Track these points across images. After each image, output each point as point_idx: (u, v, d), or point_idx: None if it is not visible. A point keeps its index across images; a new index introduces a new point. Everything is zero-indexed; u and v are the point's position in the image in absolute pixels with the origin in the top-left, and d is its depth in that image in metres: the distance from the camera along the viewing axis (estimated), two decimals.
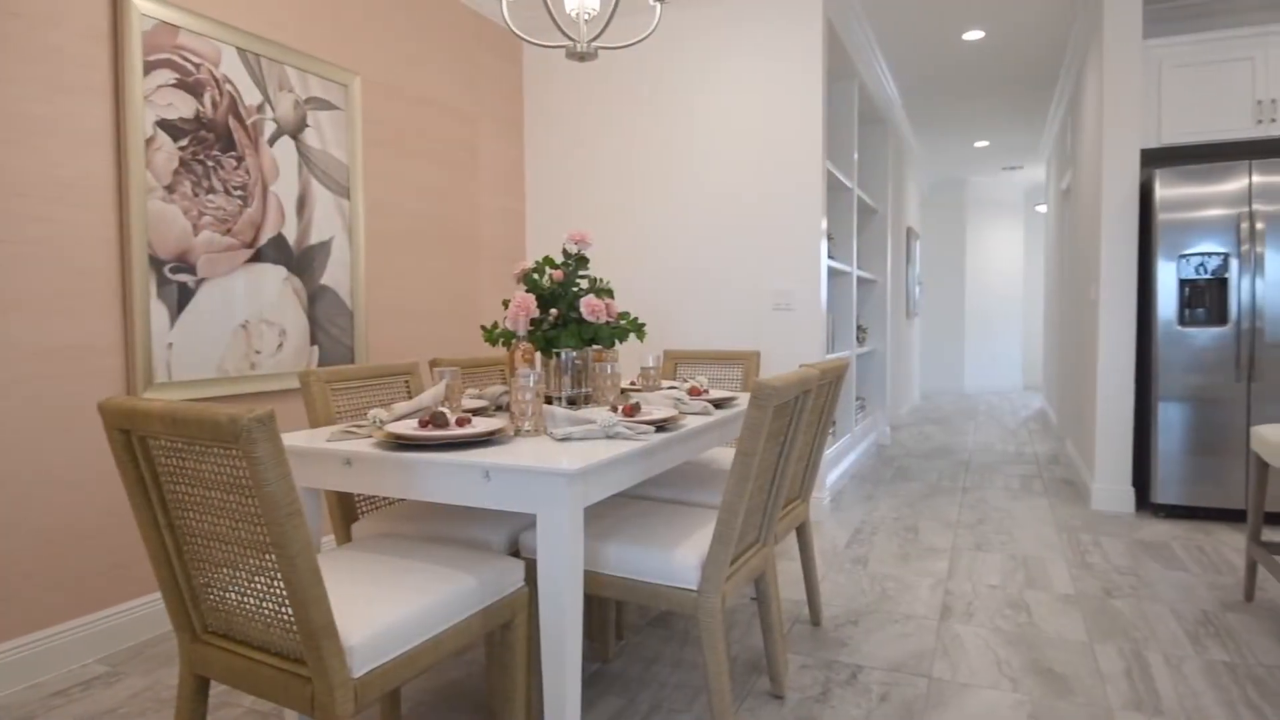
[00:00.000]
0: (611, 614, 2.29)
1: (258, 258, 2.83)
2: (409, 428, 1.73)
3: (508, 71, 4.28)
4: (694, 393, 2.41)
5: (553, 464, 1.47)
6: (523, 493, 1.52)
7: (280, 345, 2.90)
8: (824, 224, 3.84)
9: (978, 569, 3.11)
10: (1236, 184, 3.66)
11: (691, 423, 2.01)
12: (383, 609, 1.39)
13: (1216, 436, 3.72)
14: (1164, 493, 3.82)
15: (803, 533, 2.53)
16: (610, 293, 2.28)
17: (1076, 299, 5.15)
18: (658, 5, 2.29)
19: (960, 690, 2.11)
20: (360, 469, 1.68)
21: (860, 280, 5.84)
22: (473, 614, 1.54)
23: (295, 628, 1.29)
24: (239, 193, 2.76)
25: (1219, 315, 3.70)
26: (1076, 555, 3.27)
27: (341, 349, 3.17)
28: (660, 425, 1.88)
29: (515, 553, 1.96)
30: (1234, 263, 3.66)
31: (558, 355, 2.18)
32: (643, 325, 2.29)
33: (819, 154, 3.74)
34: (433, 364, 2.44)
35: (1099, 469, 4.03)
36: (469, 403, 2.18)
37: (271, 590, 1.31)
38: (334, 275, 3.14)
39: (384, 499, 2.24)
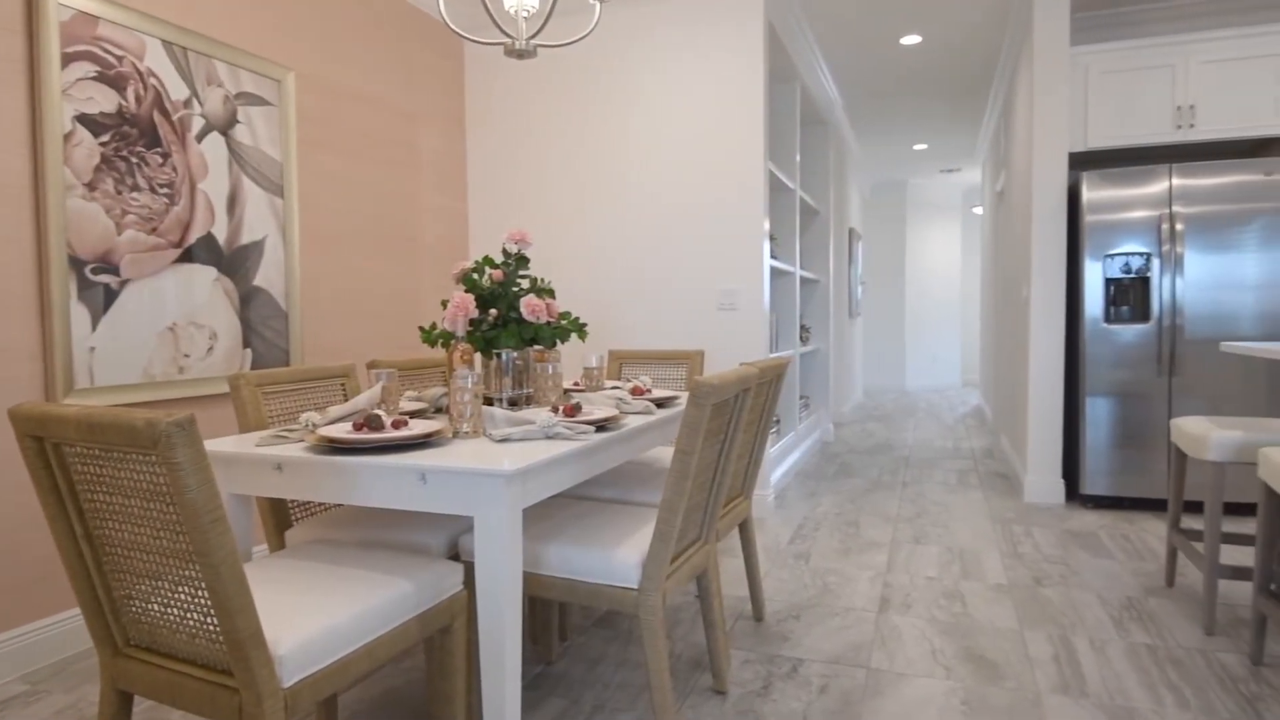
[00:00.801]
0: (555, 615, 2.28)
1: (186, 258, 2.73)
2: (343, 431, 1.69)
3: (448, 68, 4.23)
4: (636, 392, 2.41)
5: (490, 465, 1.46)
6: (460, 495, 1.50)
7: (211, 348, 2.81)
8: (766, 224, 3.89)
9: (916, 561, 3.19)
10: (1158, 187, 3.83)
11: (633, 422, 2.01)
12: (314, 617, 1.36)
13: (1141, 429, 3.89)
14: (1092, 484, 3.97)
15: (745, 529, 2.55)
16: (551, 292, 2.27)
17: (1010, 298, 5.32)
18: (597, 4, 2.28)
19: (896, 679, 2.16)
20: (292, 474, 1.64)
21: (803, 280, 5.94)
22: (409, 619, 1.51)
23: (221, 638, 1.25)
24: (165, 190, 2.66)
25: (1142, 313, 3.87)
26: (1009, 546, 3.38)
27: (276, 352, 3.09)
28: (601, 425, 1.88)
29: (455, 556, 1.94)
30: (1156, 262, 3.83)
31: (498, 356, 2.16)
32: (584, 325, 2.28)
33: (761, 155, 3.78)
34: (370, 366, 2.39)
35: (1031, 462, 4.18)
36: (407, 405, 2.14)
37: (196, 601, 1.27)
38: (268, 275, 3.05)
39: (319, 505, 2.19)
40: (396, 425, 1.70)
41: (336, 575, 1.54)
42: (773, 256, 4.62)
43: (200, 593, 1.25)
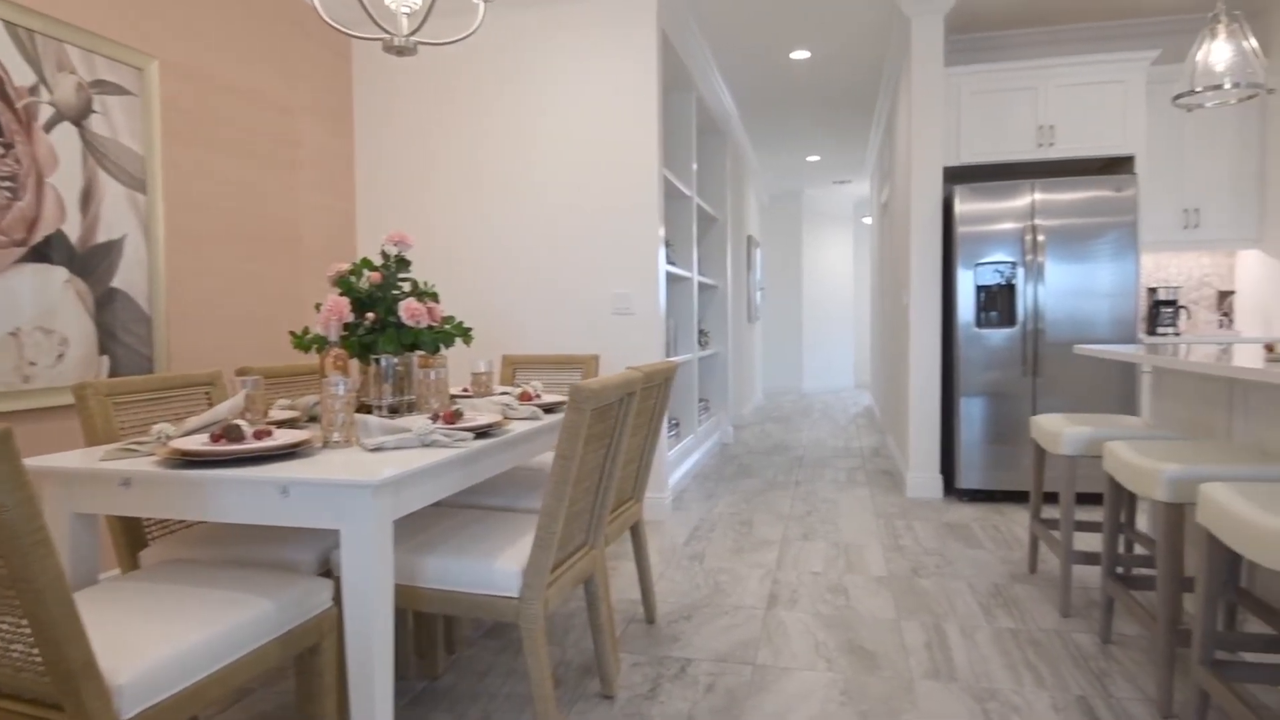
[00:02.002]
0: (440, 629, 2.22)
1: (33, 257, 2.51)
2: (199, 443, 1.59)
3: (335, 64, 4.07)
4: (525, 398, 2.38)
5: (357, 476, 1.40)
6: (325, 508, 1.43)
7: (61, 356, 2.60)
8: (662, 230, 3.93)
9: (804, 558, 3.29)
10: (1022, 201, 4.09)
11: (518, 428, 1.99)
12: (159, 643, 1.26)
13: (1009, 426, 4.14)
14: (967, 479, 4.20)
15: (637, 533, 2.56)
16: (434, 296, 2.21)
17: (894, 304, 5.58)
18: (481, 4, 2.25)
19: (781, 674, 2.21)
20: (141, 490, 1.53)
21: (702, 285, 6.03)
22: (269, 640, 1.43)
23: (47, 671, 1.14)
24: (7, 184, 2.44)
25: (1009, 317, 4.13)
26: (891, 539, 3.53)
27: (138, 359, 2.88)
28: (483, 432, 1.84)
29: (328, 572, 1.85)
30: (1020, 271, 4.10)
31: (377, 361, 2.09)
32: (469, 330, 2.24)
33: (655, 161, 3.82)
34: (239, 373, 2.26)
35: (912, 459, 4.38)
36: (279, 414, 2.04)
37: (19, 630, 1.16)
38: (128, 277, 2.85)
39: (178, 522, 2.05)
40: (259, 436, 1.61)
41: (189, 596, 1.45)
42: (670, 262, 4.67)
43: (23, 622, 1.14)
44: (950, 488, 4.41)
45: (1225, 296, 4.65)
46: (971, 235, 4.14)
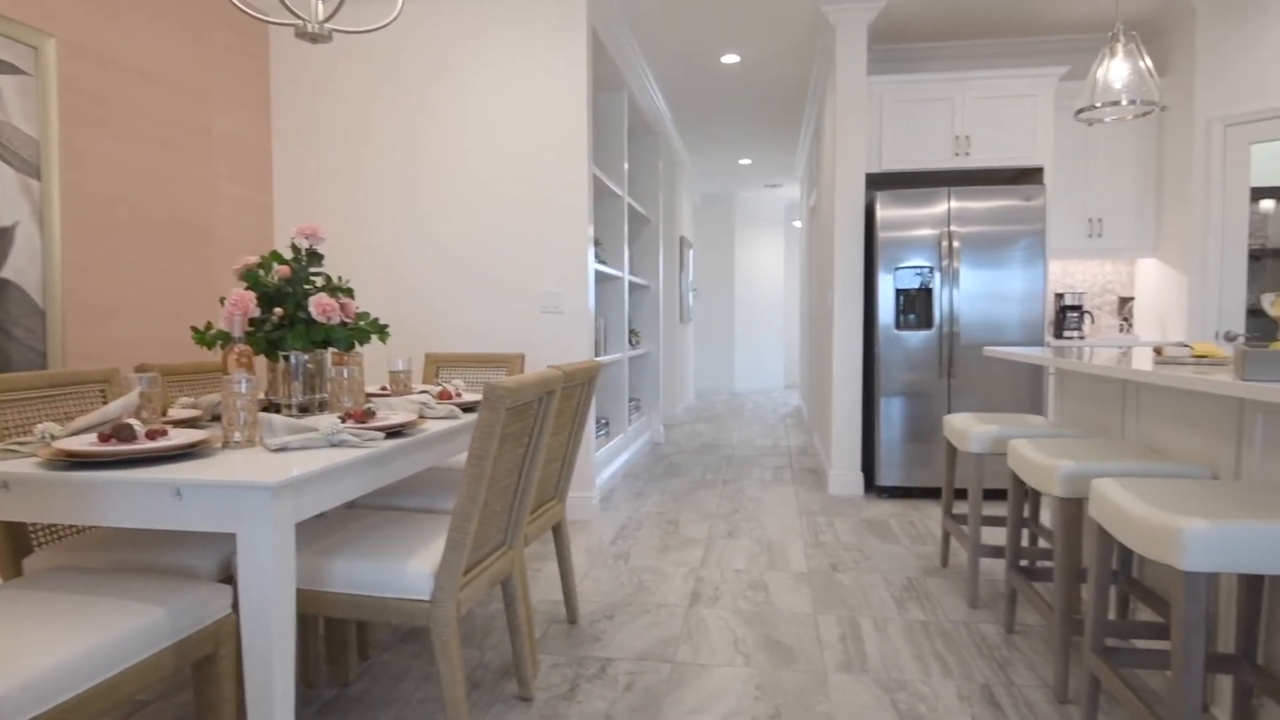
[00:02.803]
0: (352, 634, 2.17)
1: None
2: (86, 443, 1.50)
3: (251, 50, 3.92)
4: (444, 396, 2.34)
5: (255, 477, 1.35)
6: (221, 510, 1.38)
7: None
8: (591, 229, 3.92)
9: (728, 555, 3.33)
10: (939, 208, 4.24)
11: (434, 427, 1.95)
12: (37, 653, 1.19)
13: (926, 425, 4.29)
14: (886, 476, 4.33)
15: (559, 533, 2.55)
16: (349, 291, 2.15)
17: (819, 306, 5.70)
18: None
19: (699, 671, 2.23)
20: (21, 493, 1.44)
21: (633, 285, 6.05)
22: (161, 649, 1.37)
23: None
24: None
25: (926, 320, 4.27)
26: (812, 536, 3.61)
27: (30, 355, 2.72)
28: (396, 431, 1.80)
29: (229, 578, 1.78)
30: (937, 275, 4.24)
31: (286, 359, 2.02)
32: (385, 326, 2.18)
33: (585, 158, 3.81)
34: (138, 370, 2.16)
35: (835, 457, 4.49)
36: (180, 413, 1.95)
37: None
38: (18, 267, 2.68)
39: (68, 527, 1.94)
40: (152, 435, 1.54)
41: (73, 605, 1.37)
42: (600, 261, 4.67)
43: None
44: (871, 485, 4.53)
45: (1125, 302, 4.92)
46: (892, 240, 4.27)
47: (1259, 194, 4.50)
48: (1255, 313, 4.31)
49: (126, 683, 1.31)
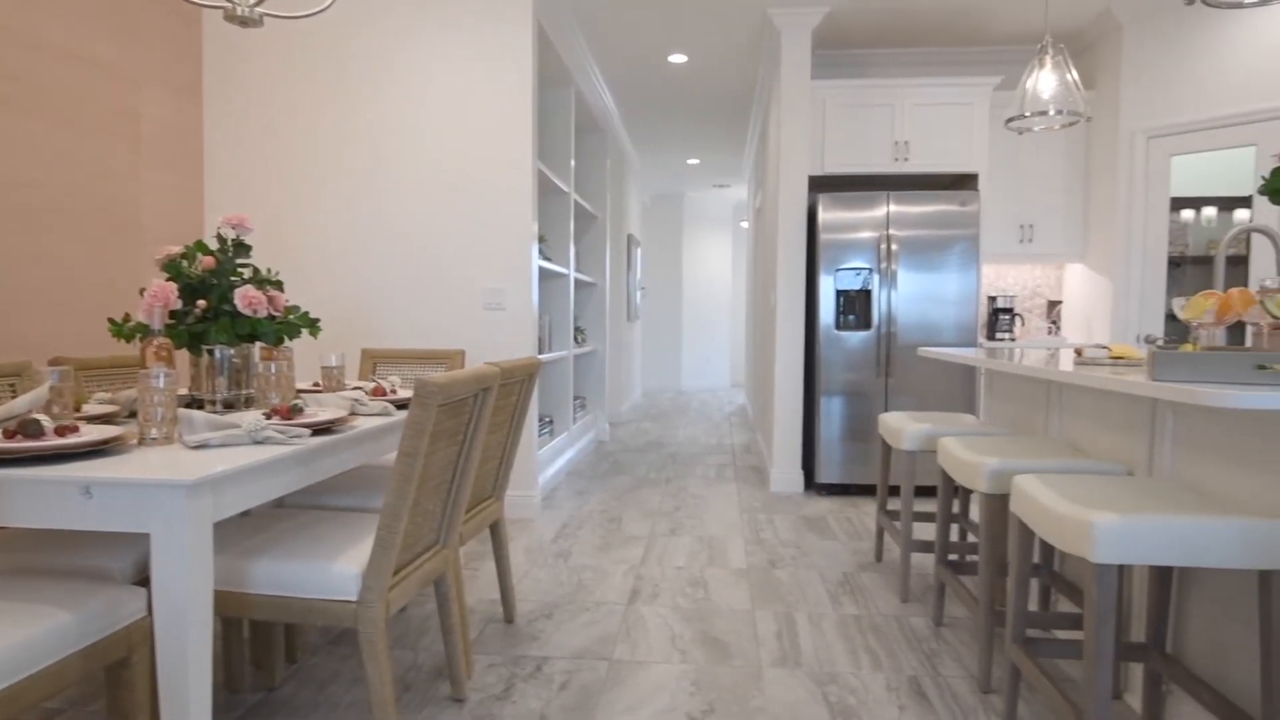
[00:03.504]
0: (279, 636, 2.11)
1: None
2: None
3: (181, 32, 3.78)
4: (379, 393, 2.30)
5: (170, 475, 1.30)
6: (133, 510, 1.32)
7: None
8: (535, 225, 3.89)
9: (669, 553, 3.34)
10: (879, 211, 4.33)
11: (366, 424, 1.91)
12: None
13: (863, 423, 4.38)
14: (825, 473, 4.41)
15: (496, 531, 2.52)
16: (278, 284, 2.09)
17: (763, 306, 5.77)
18: None
19: (636, 668, 2.24)
20: None
21: (579, 283, 6.02)
22: (67, 655, 1.31)
23: None
24: None
25: (865, 321, 4.36)
26: (753, 533, 3.65)
27: None
28: (325, 428, 1.76)
29: (146, 580, 1.71)
30: (875, 277, 4.33)
31: (210, 353, 1.95)
32: (316, 321, 2.13)
33: (530, 154, 3.78)
34: (52, 364, 2.06)
35: (776, 455, 4.55)
36: (95, 409, 1.87)
37: None
38: None
39: None
40: (61, 432, 1.47)
41: None
42: (545, 258, 4.64)
43: None
44: (811, 482, 4.60)
45: (1054, 305, 5.10)
46: (833, 242, 4.34)
47: (1178, 204, 4.72)
48: (1174, 317, 4.53)
49: (31, 690, 1.24)
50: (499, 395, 2.22)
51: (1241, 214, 4.70)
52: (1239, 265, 4.78)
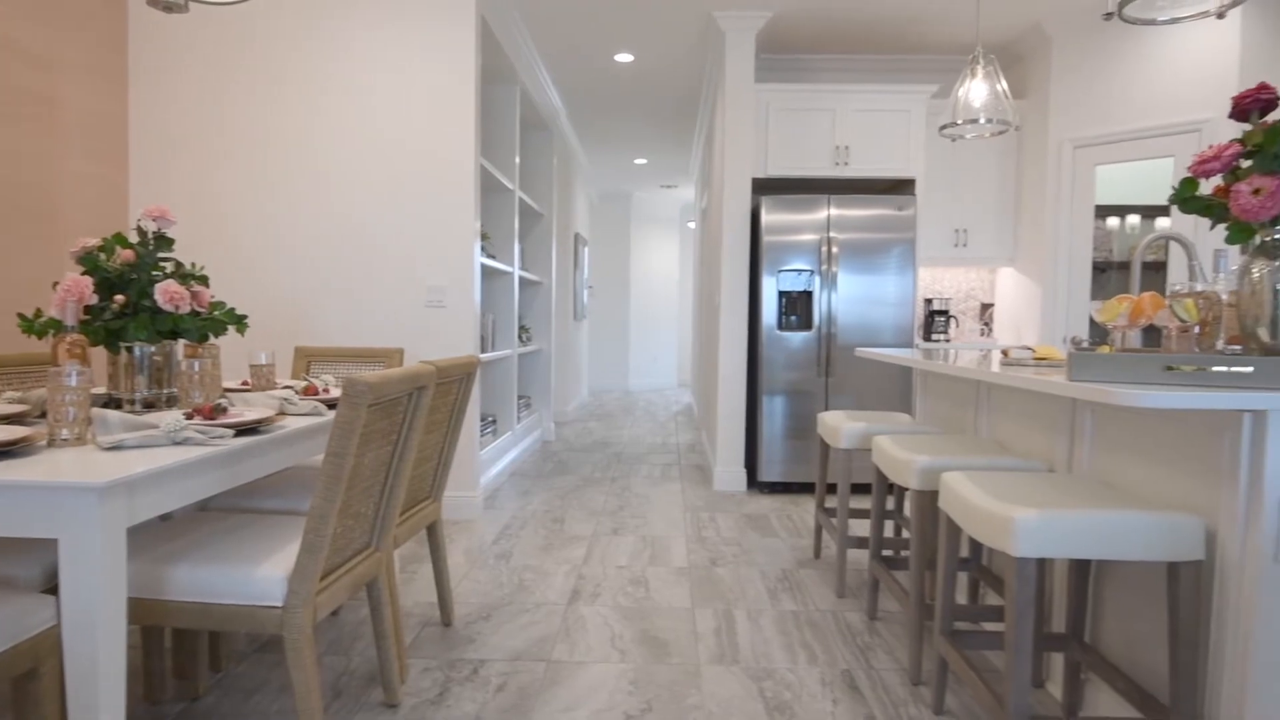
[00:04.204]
0: (204, 644, 2.04)
1: None
2: None
3: (105, 15, 3.62)
4: (310, 392, 2.24)
5: (79, 477, 1.24)
6: (39, 514, 1.26)
7: None
8: (478, 222, 3.84)
9: (612, 552, 3.34)
10: (820, 214, 4.41)
11: (295, 424, 1.85)
12: None
13: (804, 422, 4.45)
14: (768, 472, 4.47)
15: (434, 534, 2.48)
16: (203, 279, 2.02)
17: (708, 306, 5.82)
18: None
19: (575, 668, 2.23)
20: None
21: (525, 281, 5.98)
22: None
23: None
24: None
25: (806, 322, 4.43)
26: (695, 531, 3.68)
27: None
28: (250, 428, 1.70)
29: (55, 588, 1.64)
30: (817, 279, 4.41)
31: (129, 350, 1.87)
32: (244, 317, 2.06)
33: (472, 150, 3.73)
34: None
35: (720, 454, 4.59)
36: (5, 408, 1.77)
37: None
38: None
39: None
40: None
41: None
42: (489, 256, 4.59)
43: None
44: (754, 480, 4.66)
45: (987, 308, 5.27)
46: (775, 244, 4.40)
47: (1103, 211, 4.92)
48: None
49: None
50: (436, 395, 2.18)
51: (1163, 222, 4.92)
52: (1159, 271, 5.01)
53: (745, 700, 2.06)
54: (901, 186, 4.71)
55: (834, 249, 4.39)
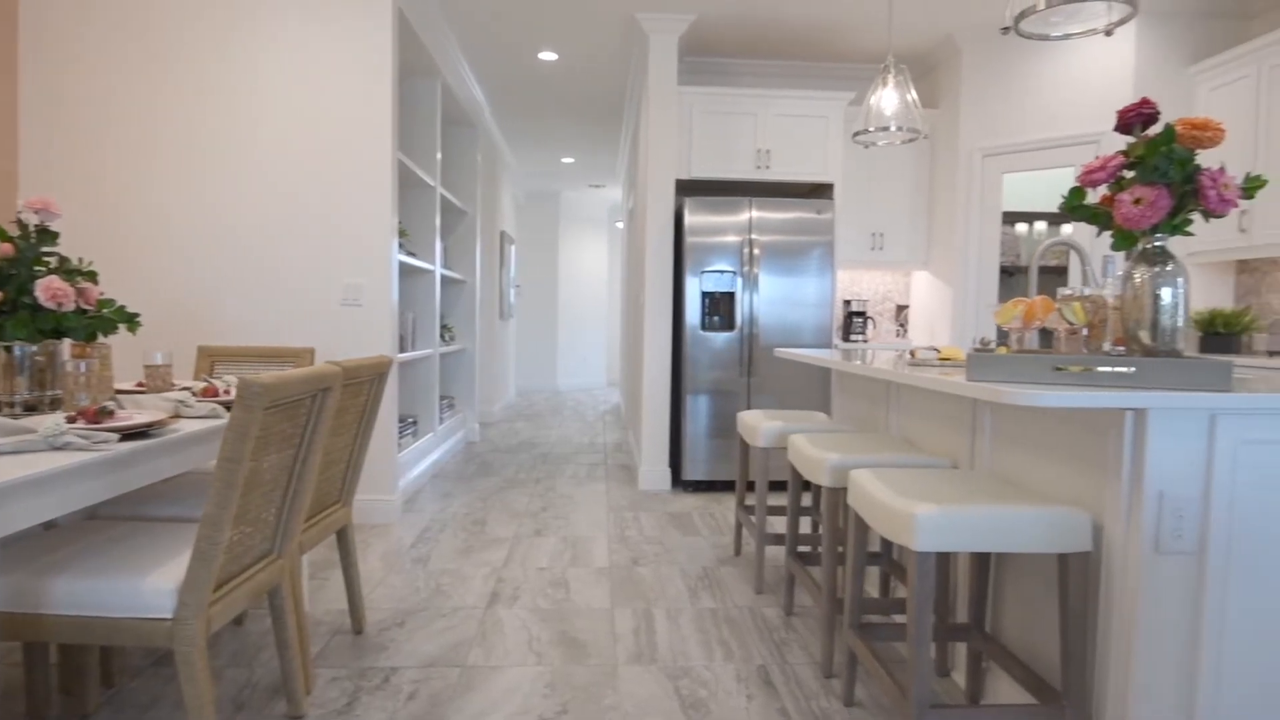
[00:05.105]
0: (94, 660, 1.92)
1: None
2: None
3: None
4: (209, 393, 2.14)
5: None
6: None
7: None
8: (395, 218, 3.75)
9: (533, 554, 3.31)
10: (742, 216, 4.47)
11: (190, 427, 1.77)
12: None
13: (728, 421, 4.51)
14: (691, 470, 4.51)
15: (344, 538, 2.41)
16: (91, 275, 1.90)
17: (634, 306, 5.83)
18: None
19: (490, 673, 2.20)
20: None
21: (447, 280, 5.87)
22: None
23: None
24: None
25: (729, 322, 4.49)
26: (618, 531, 3.68)
27: None
28: (140, 431, 1.61)
29: None
30: (739, 280, 4.47)
31: (9, 350, 1.75)
32: (135, 316, 1.95)
33: (389, 143, 3.63)
34: None
35: (645, 453, 4.61)
36: None
37: None
38: None
39: None
40: None
41: None
42: (409, 253, 4.48)
43: None
44: (679, 479, 4.69)
45: (902, 309, 5.45)
46: (699, 245, 4.44)
47: (1012, 218, 5.16)
48: None
49: None
50: (345, 396, 2.12)
51: (1067, 228, 5.19)
52: (1061, 275, 5.28)
53: (662, 699, 2.07)
54: (821, 190, 4.82)
55: (756, 251, 4.46)
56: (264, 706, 1.99)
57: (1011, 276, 5.30)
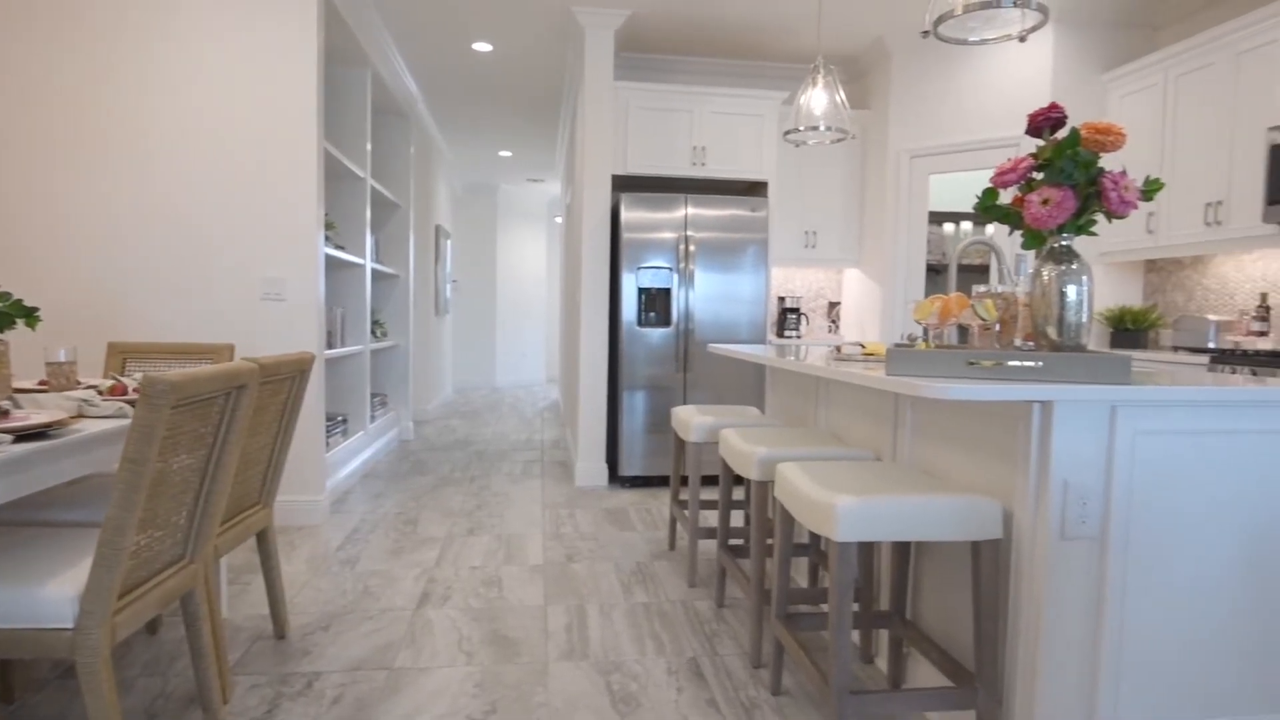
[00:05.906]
0: None
1: None
2: None
3: None
4: (117, 391, 2.04)
5: None
6: None
7: None
8: (321, 210, 3.64)
9: (465, 553, 3.27)
10: (678, 213, 4.49)
11: (92, 427, 1.68)
12: None
13: (664, 417, 4.53)
14: (628, 466, 4.52)
15: (264, 541, 2.33)
16: None
17: (572, 301, 5.81)
18: None
19: (418, 675, 2.16)
20: None
21: (379, 274, 5.74)
22: None
23: None
24: None
25: (665, 318, 4.51)
26: (553, 528, 3.66)
27: None
28: (38, 432, 1.53)
29: None
30: (675, 276, 4.50)
31: None
32: (34, 310, 1.85)
33: (314, 132, 3.52)
34: None
35: (581, 450, 4.60)
36: None
37: None
38: None
39: None
40: None
41: None
42: (337, 246, 4.36)
43: None
44: (615, 475, 4.70)
45: (834, 306, 5.57)
46: (635, 241, 4.45)
47: (939, 217, 5.32)
48: None
49: None
50: (263, 394, 2.05)
51: (990, 228, 5.38)
52: (984, 273, 5.47)
53: (592, 695, 2.07)
54: (756, 189, 4.88)
55: (692, 247, 4.49)
56: (178, 717, 1.91)
57: (939, 275, 5.47)
